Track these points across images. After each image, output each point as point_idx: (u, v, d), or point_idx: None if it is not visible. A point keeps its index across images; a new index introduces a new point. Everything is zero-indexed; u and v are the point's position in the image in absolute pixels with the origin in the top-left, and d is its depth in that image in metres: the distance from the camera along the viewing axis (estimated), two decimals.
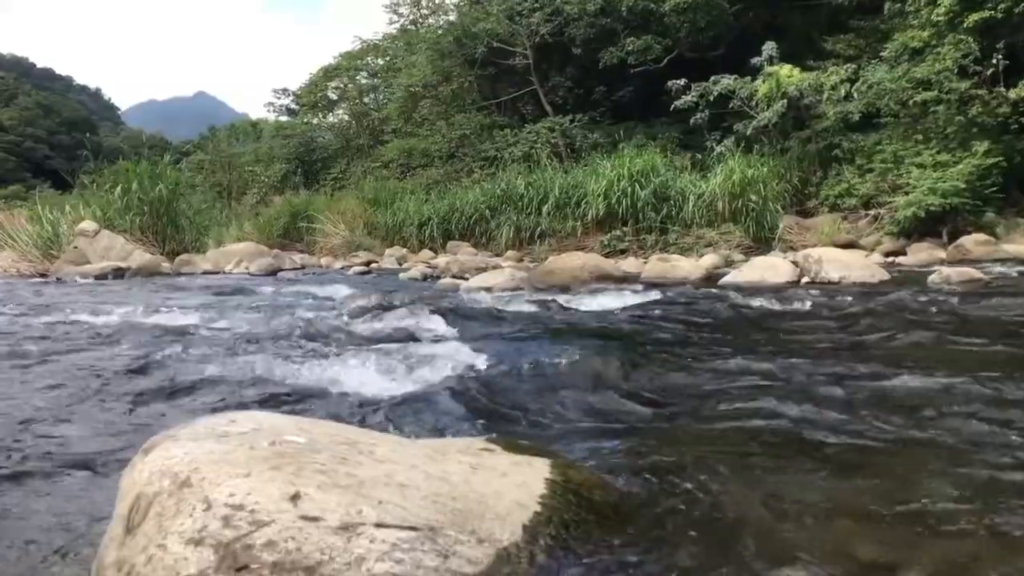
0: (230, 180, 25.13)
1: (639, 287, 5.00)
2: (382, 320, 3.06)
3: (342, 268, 11.15)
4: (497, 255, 12.47)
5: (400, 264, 12.07)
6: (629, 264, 8.05)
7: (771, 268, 5.90)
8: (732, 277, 6.14)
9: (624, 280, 5.73)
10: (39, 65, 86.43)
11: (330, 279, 7.87)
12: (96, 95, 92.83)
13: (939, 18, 10.57)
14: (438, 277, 7.67)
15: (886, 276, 5.49)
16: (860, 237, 10.72)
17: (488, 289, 5.49)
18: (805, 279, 5.65)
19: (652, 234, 11.79)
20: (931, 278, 5.13)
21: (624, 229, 12.10)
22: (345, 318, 3.26)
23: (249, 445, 0.80)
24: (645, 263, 7.69)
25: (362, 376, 2.02)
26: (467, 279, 6.54)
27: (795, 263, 5.91)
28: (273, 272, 9.42)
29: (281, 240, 17.07)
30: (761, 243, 11.19)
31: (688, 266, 6.86)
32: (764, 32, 14.28)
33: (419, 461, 0.86)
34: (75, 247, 10.28)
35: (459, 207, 14.34)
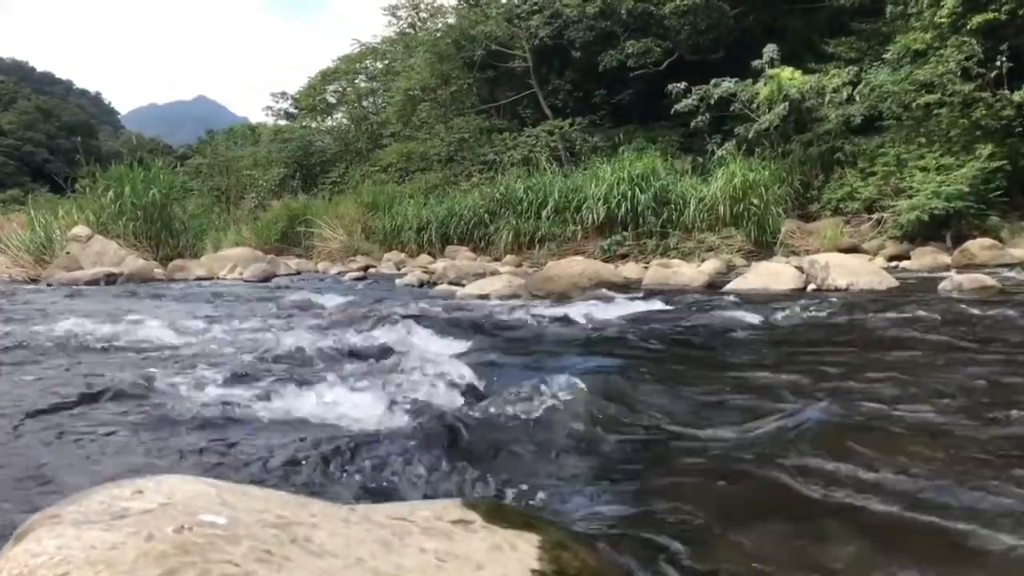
0: (228, 184, 25.03)
1: (640, 295, 4.82)
2: (366, 334, 2.88)
3: (338, 274, 11.00)
4: (496, 259, 12.34)
5: (398, 269, 11.93)
6: (630, 270, 7.91)
7: (775, 275, 5.74)
8: (736, 284, 6.01)
9: (625, 287, 5.57)
10: (39, 69, 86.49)
11: (324, 286, 7.69)
12: (96, 99, 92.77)
13: (942, 20, 10.46)
14: (435, 283, 7.52)
15: (894, 283, 5.34)
16: (863, 241, 10.59)
17: (485, 296, 5.34)
18: (811, 286, 5.51)
19: (653, 238, 11.66)
20: (942, 285, 4.96)
21: (624, 234, 11.97)
22: (326, 333, 3.08)
23: (147, 533, 0.62)
24: (646, 268, 7.55)
25: (332, 407, 1.80)
26: (463, 285, 6.39)
27: (801, 269, 5.76)
28: (267, 278, 9.26)
29: (279, 244, 16.96)
30: (763, 247, 11.06)
31: (690, 272, 6.70)
32: (764, 35, 14.18)
33: (368, 551, 0.68)
34: (68, 252, 10.15)
35: (458, 211, 14.22)
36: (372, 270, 11.92)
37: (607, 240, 11.99)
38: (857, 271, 5.35)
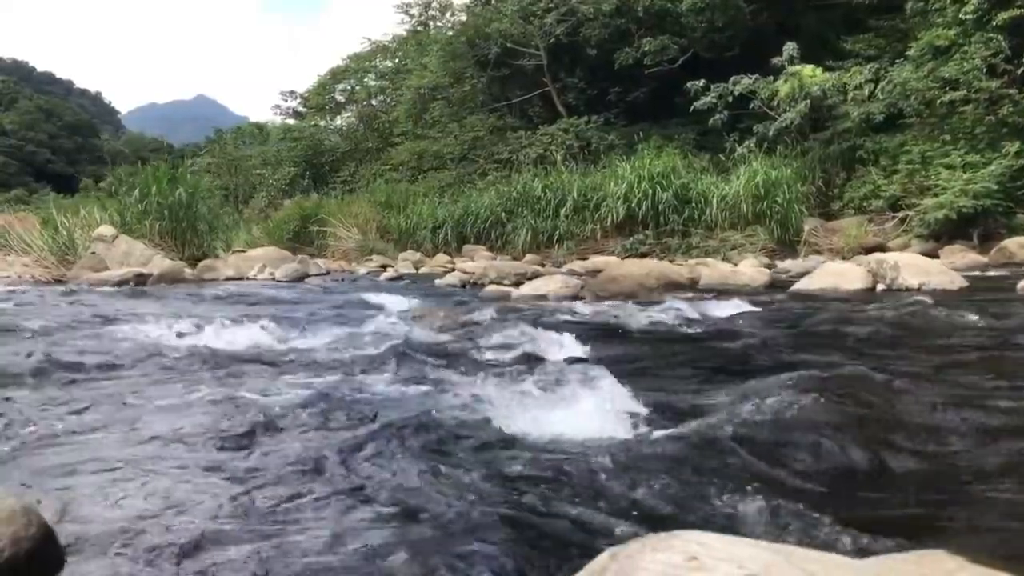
0: (237, 183, 24.95)
1: (715, 296, 4.74)
2: (497, 339, 2.81)
3: (369, 274, 10.88)
4: (515, 258, 12.29)
5: (416, 268, 11.84)
6: (682, 269, 7.79)
7: (842, 274, 5.68)
8: (804, 284, 5.89)
9: (689, 287, 5.52)
10: (39, 69, 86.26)
11: (368, 287, 7.52)
12: (96, 99, 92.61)
13: (967, 16, 10.42)
14: (476, 284, 7.41)
15: (964, 282, 5.30)
16: (887, 240, 10.57)
17: (542, 297, 5.29)
18: (880, 286, 5.50)
19: (675, 237, 11.65)
20: (1021, 284, 4.90)
21: (646, 232, 11.96)
22: (457, 339, 2.98)
23: None
24: (683, 267, 7.48)
25: (546, 423, 1.69)
26: (507, 285, 6.33)
27: (868, 269, 5.70)
28: (300, 278, 9.15)
29: (291, 244, 16.87)
30: (785, 246, 11.05)
31: (750, 272, 6.63)
32: (779, 33, 14.14)
33: None
34: (93, 253, 10.10)
35: (474, 210, 14.18)
36: (390, 270, 11.86)
37: (628, 239, 11.98)
38: (928, 271, 5.28)
